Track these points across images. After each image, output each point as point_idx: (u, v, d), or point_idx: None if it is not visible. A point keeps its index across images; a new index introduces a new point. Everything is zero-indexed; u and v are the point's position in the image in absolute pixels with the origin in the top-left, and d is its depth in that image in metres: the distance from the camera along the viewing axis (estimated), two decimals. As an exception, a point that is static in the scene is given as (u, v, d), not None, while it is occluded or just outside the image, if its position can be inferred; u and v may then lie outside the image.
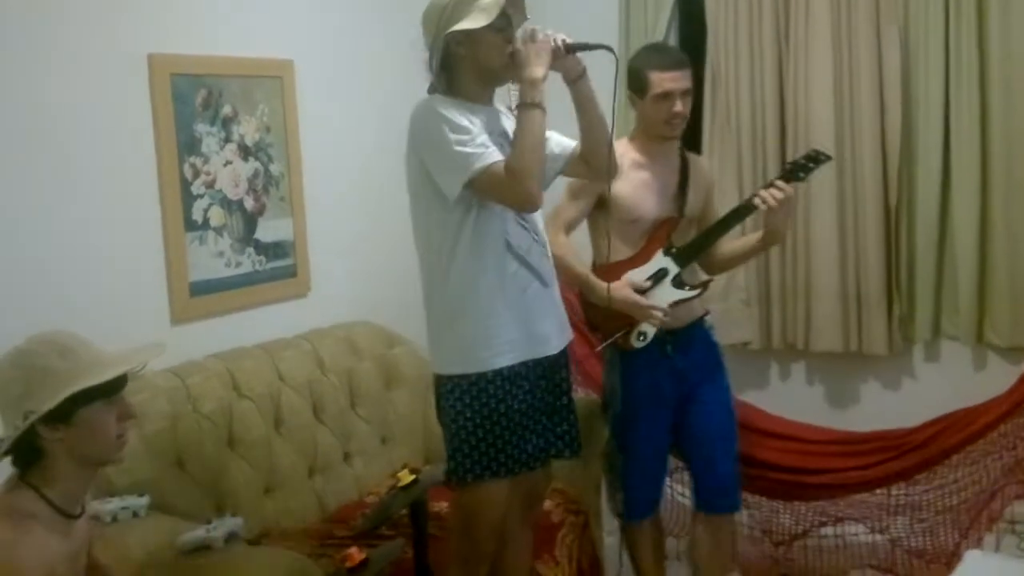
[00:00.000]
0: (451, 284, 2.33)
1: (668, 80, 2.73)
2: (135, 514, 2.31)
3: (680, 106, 2.76)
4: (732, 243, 2.96)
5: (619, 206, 2.77)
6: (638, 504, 2.96)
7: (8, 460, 1.74)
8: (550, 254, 2.50)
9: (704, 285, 2.88)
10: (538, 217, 2.46)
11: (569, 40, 2.31)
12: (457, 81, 2.35)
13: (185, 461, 2.61)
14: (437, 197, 2.28)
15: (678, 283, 2.80)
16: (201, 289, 2.96)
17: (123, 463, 1.99)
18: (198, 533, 2.22)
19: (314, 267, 3.34)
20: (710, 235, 2.87)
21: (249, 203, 3.11)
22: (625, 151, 2.80)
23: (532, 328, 2.38)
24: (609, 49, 2.34)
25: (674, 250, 2.82)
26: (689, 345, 2.91)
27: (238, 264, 3.08)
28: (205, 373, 2.77)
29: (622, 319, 2.76)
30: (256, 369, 2.90)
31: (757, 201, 2.71)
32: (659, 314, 2.73)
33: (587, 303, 2.85)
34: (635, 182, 2.80)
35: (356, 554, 2.21)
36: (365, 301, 3.49)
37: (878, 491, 3.18)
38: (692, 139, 3.79)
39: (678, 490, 3.32)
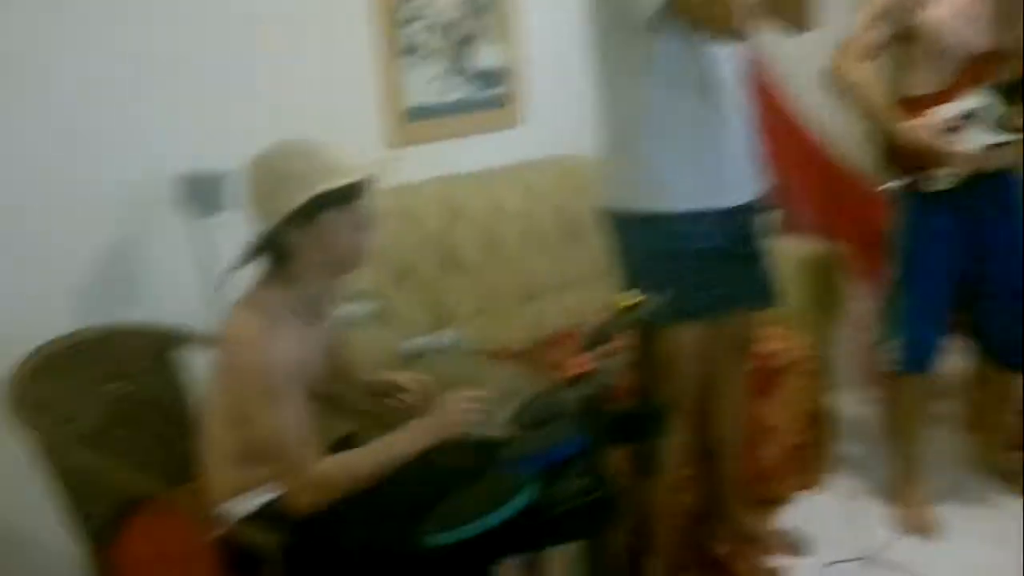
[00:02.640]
0: (634, 114, 2.11)
1: None
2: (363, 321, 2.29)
3: None
4: None
5: (930, 33, 2.46)
6: (916, 350, 2.66)
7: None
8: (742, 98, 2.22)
9: None
10: (735, 55, 2.19)
11: None
12: None
13: (404, 277, 2.59)
14: (628, 15, 2.03)
15: (996, 124, 2.47)
16: (415, 115, 2.90)
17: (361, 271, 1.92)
18: (421, 341, 2.20)
19: (528, 96, 3.21)
20: None
21: (463, 28, 3.01)
22: None
23: (721, 174, 2.16)
24: None
25: (997, 87, 2.47)
26: (995, 195, 2.58)
27: (451, 91, 3.00)
28: (423, 196, 2.74)
29: (922, 158, 2.49)
30: (473, 195, 2.84)
31: None
32: (966, 157, 2.44)
33: (886, 138, 2.56)
34: (951, 6, 2.46)
35: (585, 362, 2.07)
36: (580, 133, 3.33)
37: None
38: None
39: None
